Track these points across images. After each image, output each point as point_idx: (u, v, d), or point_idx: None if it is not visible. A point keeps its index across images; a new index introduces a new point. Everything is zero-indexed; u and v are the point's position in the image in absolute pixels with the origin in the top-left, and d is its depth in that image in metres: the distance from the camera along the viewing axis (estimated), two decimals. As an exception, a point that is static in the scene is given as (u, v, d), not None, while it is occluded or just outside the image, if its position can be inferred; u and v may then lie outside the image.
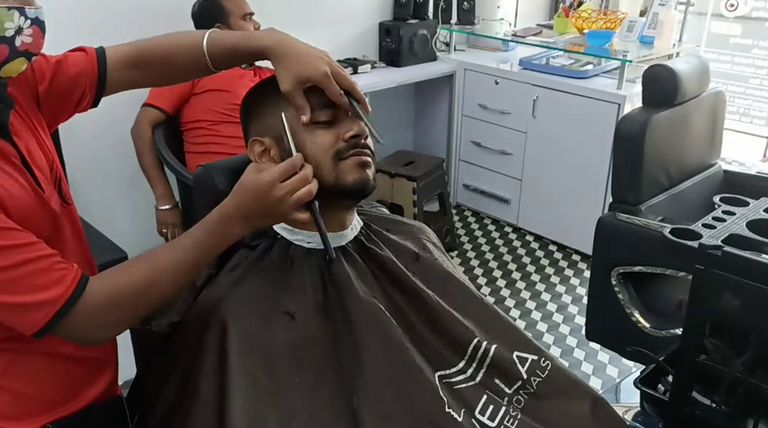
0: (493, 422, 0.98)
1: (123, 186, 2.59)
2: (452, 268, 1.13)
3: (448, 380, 0.99)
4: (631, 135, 1.92)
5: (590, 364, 2.38)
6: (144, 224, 2.67)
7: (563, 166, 3.04)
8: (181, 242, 0.89)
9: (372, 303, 0.98)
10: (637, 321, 1.84)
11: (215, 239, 0.89)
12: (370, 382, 0.93)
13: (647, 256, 1.79)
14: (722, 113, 2.21)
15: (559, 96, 2.96)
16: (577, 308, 2.72)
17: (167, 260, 0.88)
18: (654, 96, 1.97)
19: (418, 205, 2.98)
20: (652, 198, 1.97)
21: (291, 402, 0.89)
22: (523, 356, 1.06)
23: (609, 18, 3.14)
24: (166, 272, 0.87)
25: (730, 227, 1.04)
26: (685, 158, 2.10)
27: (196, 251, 0.88)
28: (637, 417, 1.22)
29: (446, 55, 3.44)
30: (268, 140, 0.99)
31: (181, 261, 0.88)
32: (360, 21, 3.23)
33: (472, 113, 3.38)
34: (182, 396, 0.93)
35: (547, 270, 3.03)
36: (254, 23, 2.44)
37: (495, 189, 3.40)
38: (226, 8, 2.38)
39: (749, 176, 2.29)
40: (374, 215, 1.16)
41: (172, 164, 2.32)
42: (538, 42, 3.30)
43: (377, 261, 1.03)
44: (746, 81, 4.01)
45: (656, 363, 1.18)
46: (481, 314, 1.07)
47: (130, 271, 0.86)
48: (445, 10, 3.42)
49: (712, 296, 0.98)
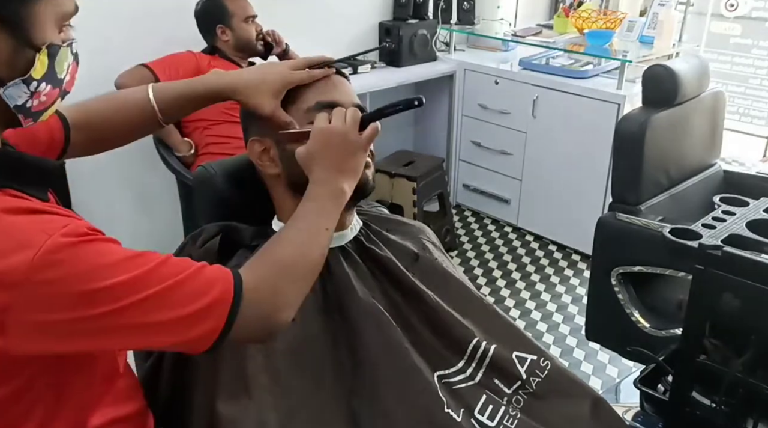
0: (492, 422, 0.98)
1: (123, 186, 2.60)
2: (452, 268, 1.13)
3: (447, 380, 0.99)
4: (631, 135, 1.92)
5: (590, 364, 2.38)
6: (144, 224, 2.68)
7: (563, 166, 3.04)
8: (299, 215, 0.88)
9: (371, 304, 0.98)
10: (637, 321, 1.84)
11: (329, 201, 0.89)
12: (370, 382, 0.93)
13: (647, 256, 1.79)
14: (722, 113, 2.21)
15: (559, 96, 2.96)
16: (577, 308, 2.72)
17: (301, 231, 0.86)
18: (654, 96, 1.97)
19: (418, 205, 2.98)
20: (652, 198, 1.97)
21: (291, 403, 0.89)
22: (523, 356, 1.06)
23: (609, 18, 3.14)
24: (306, 240, 0.85)
25: (729, 227, 1.04)
26: (685, 158, 2.10)
27: (319, 216, 0.88)
28: (637, 417, 1.22)
29: (446, 55, 3.44)
30: (267, 141, 0.99)
31: (313, 226, 0.86)
32: (360, 21, 3.24)
33: (472, 113, 3.38)
34: (183, 397, 0.93)
35: (546, 270, 3.03)
36: (257, 26, 2.44)
37: (495, 189, 3.40)
38: (230, 10, 2.37)
39: (749, 176, 2.28)
40: (374, 215, 1.16)
41: (172, 164, 2.32)
42: (538, 42, 3.30)
43: (377, 261, 1.03)
44: (746, 81, 4.01)
45: (656, 363, 1.18)
46: (480, 315, 1.07)
47: (273, 250, 0.83)
48: (445, 10, 3.42)
49: (712, 296, 0.98)
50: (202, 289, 0.72)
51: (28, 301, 0.62)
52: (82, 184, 2.36)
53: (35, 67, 0.69)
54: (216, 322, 0.73)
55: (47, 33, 0.70)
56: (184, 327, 0.71)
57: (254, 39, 2.43)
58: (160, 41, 2.37)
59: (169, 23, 2.49)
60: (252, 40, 2.42)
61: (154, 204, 2.69)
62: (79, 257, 0.65)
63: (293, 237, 0.85)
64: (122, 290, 0.67)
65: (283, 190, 1.01)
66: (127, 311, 0.67)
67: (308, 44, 2.60)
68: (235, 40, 2.40)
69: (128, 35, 2.40)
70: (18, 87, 0.69)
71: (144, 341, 0.71)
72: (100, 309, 0.65)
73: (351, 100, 1.01)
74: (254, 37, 2.42)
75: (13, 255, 0.61)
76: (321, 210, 0.89)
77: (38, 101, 0.71)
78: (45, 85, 0.71)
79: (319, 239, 0.86)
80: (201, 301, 0.71)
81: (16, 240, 0.62)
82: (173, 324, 0.70)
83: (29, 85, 0.69)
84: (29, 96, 0.70)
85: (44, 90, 0.71)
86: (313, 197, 0.89)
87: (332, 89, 0.99)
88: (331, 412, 0.91)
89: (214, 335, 0.73)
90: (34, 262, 0.62)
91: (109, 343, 0.70)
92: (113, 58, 2.19)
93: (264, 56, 2.51)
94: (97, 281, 0.65)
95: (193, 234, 1.03)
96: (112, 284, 0.66)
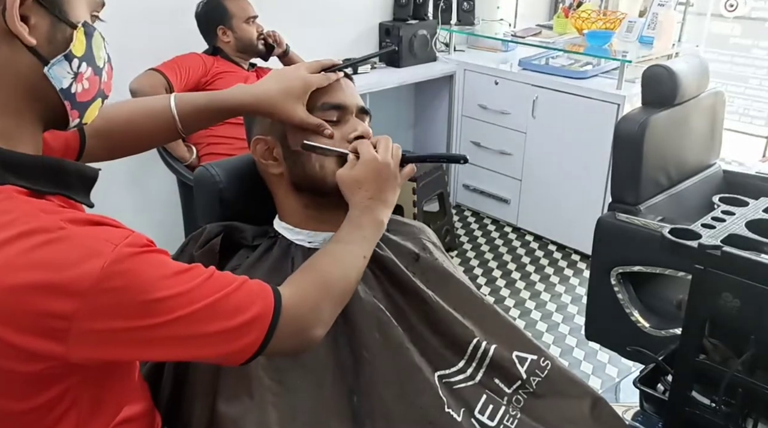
0: (492, 422, 0.98)
1: (123, 186, 2.60)
2: (452, 268, 1.13)
3: (447, 380, 1.00)
4: (630, 135, 1.92)
5: (590, 364, 2.38)
6: (144, 224, 2.68)
7: (563, 166, 3.04)
8: (343, 238, 0.91)
9: (372, 303, 0.98)
10: (636, 321, 1.84)
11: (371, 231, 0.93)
12: (370, 382, 0.93)
13: (647, 256, 1.79)
14: (722, 113, 2.21)
15: (558, 96, 2.96)
16: (577, 308, 2.72)
17: (345, 254, 0.89)
18: (653, 96, 1.97)
19: (418, 205, 2.98)
20: (651, 198, 1.97)
21: (292, 402, 0.89)
22: (523, 356, 1.06)
23: (608, 18, 3.14)
24: (348, 264, 0.88)
25: (729, 227, 1.04)
26: (684, 158, 2.10)
27: (360, 244, 0.92)
28: (637, 416, 1.22)
29: (446, 56, 3.44)
30: (271, 140, 1.00)
31: (355, 253, 0.90)
32: (360, 21, 3.24)
33: (471, 113, 3.38)
34: (184, 395, 0.93)
35: (546, 270, 3.03)
36: (258, 26, 2.44)
37: (495, 189, 3.40)
38: (230, 11, 2.37)
39: (749, 176, 2.29)
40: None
41: (173, 164, 2.32)
42: (537, 42, 3.30)
43: (377, 261, 1.03)
44: (746, 81, 4.01)
45: (656, 363, 1.18)
46: (480, 314, 1.08)
47: (316, 268, 0.86)
48: (444, 11, 3.43)
49: (712, 296, 0.98)
50: (245, 303, 0.74)
51: (92, 309, 0.63)
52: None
53: (74, 44, 0.69)
54: (256, 335, 0.74)
55: (82, 14, 0.70)
56: (228, 340, 0.72)
57: (255, 40, 2.43)
58: (161, 43, 2.37)
59: (170, 25, 2.49)
60: (253, 40, 2.42)
61: (154, 204, 2.69)
62: (141, 268, 0.66)
63: (337, 259, 0.88)
64: (175, 302, 0.68)
65: (285, 189, 1.02)
66: (179, 323, 0.68)
67: (308, 45, 2.61)
68: (236, 41, 2.40)
69: (129, 37, 2.39)
70: (61, 65, 0.68)
71: (188, 352, 0.72)
72: (155, 320, 0.67)
73: (356, 102, 1.01)
74: (255, 37, 2.43)
75: (83, 264, 0.62)
76: (363, 238, 0.92)
77: (81, 87, 0.71)
78: (86, 67, 0.71)
79: (357, 264, 0.90)
80: (244, 315, 0.73)
81: (85, 250, 0.63)
82: (218, 337, 0.72)
83: (71, 62, 0.69)
84: (73, 77, 0.70)
85: (86, 73, 0.71)
86: (358, 224, 0.93)
87: (338, 91, 1.00)
88: (332, 412, 0.91)
89: (254, 348, 0.74)
90: (104, 271, 0.63)
91: (156, 353, 0.71)
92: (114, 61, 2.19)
93: (265, 57, 2.51)
94: (155, 291, 0.66)
95: (194, 234, 1.03)
96: (167, 296, 0.67)
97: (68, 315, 0.62)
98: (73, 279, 0.62)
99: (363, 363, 0.94)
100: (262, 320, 0.74)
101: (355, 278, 0.90)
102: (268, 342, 0.75)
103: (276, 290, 0.78)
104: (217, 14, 2.38)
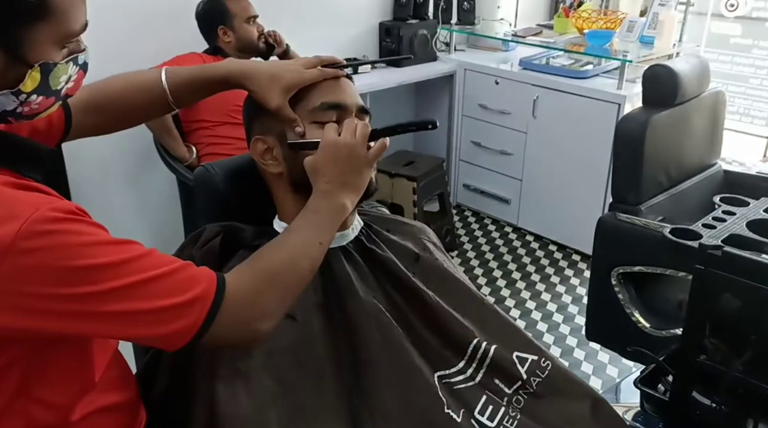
0: (492, 422, 0.98)
1: (123, 186, 2.60)
2: (452, 268, 1.13)
3: (447, 380, 0.99)
4: (631, 135, 1.92)
5: (590, 364, 2.38)
6: (144, 224, 2.68)
7: (563, 166, 3.04)
8: (296, 226, 0.88)
9: (372, 303, 0.98)
10: (637, 321, 1.84)
11: (327, 216, 0.89)
12: (370, 382, 0.93)
13: (647, 256, 1.79)
14: (722, 113, 2.21)
15: (559, 96, 2.96)
16: (577, 308, 2.72)
17: (295, 242, 0.86)
18: (654, 96, 1.97)
19: (418, 205, 2.98)
20: (652, 198, 1.97)
21: (292, 402, 0.89)
22: (523, 356, 1.06)
23: (609, 18, 3.14)
24: (298, 251, 0.85)
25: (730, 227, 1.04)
26: (685, 158, 2.10)
27: (315, 230, 0.88)
28: (637, 417, 1.22)
29: (446, 56, 3.44)
30: (270, 139, 0.99)
31: (307, 239, 0.86)
32: (360, 21, 3.24)
33: (472, 113, 3.38)
34: (182, 394, 0.93)
35: (547, 270, 3.03)
36: (258, 26, 2.44)
37: (495, 189, 3.40)
38: (231, 10, 2.37)
39: (749, 176, 2.29)
40: (374, 216, 1.16)
41: (173, 164, 2.32)
42: (538, 42, 3.30)
43: (378, 261, 1.03)
44: (746, 81, 4.01)
45: (656, 363, 1.18)
46: (481, 315, 1.07)
47: (263, 257, 0.83)
48: (445, 11, 3.42)
49: (712, 296, 0.98)
50: (185, 285, 0.72)
51: (14, 270, 0.63)
52: (82, 183, 2.36)
53: (25, 83, 0.69)
54: (194, 319, 0.72)
55: (44, 53, 0.70)
56: (162, 320, 0.71)
57: (256, 39, 2.43)
58: (162, 43, 2.37)
59: (170, 25, 2.49)
60: (254, 40, 2.42)
61: (154, 204, 2.68)
62: (65, 234, 0.66)
63: (285, 246, 0.85)
64: (104, 273, 0.67)
65: (285, 189, 1.02)
66: (107, 296, 0.68)
67: (308, 44, 2.60)
68: (236, 41, 2.40)
69: (129, 38, 2.39)
70: (6, 97, 0.70)
71: (120, 330, 0.71)
72: (79, 289, 0.66)
73: (356, 101, 1.01)
74: (256, 37, 2.42)
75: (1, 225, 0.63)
76: (318, 224, 0.89)
77: (29, 109, 0.72)
78: (36, 97, 0.72)
79: (310, 252, 0.86)
80: (182, 296, 0.72)
81: (6, 211, 0.64)
82: (151, 315, 0.70)
83: (18, 96, 0.70)
84: (19, 104, 0.71)
85: (35, 100, 0.72)
86: (314, 210, 0.90)
87: (338, 90, 1.00)
88: (331, 412, 0.91)
89: (191, 333, 0.73)
90: (20, 232, 0.63)
91: (85, 328, 0.70)
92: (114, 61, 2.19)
93: (266, 57, 2.51)
94: (80, 258, 0.66)
95: (194, 234, 1.03)
96: (94, 265, 0.67)
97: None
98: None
99: (363, 364, 0.94)
100: (202, 303, 0.73)
101: (309, 267, 0.86)
102: (207, 328, 0.73)
103: (221, 276, 0.76)
104: (217, 14, 2.38)
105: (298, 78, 0.96)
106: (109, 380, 0.84)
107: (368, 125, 0.96)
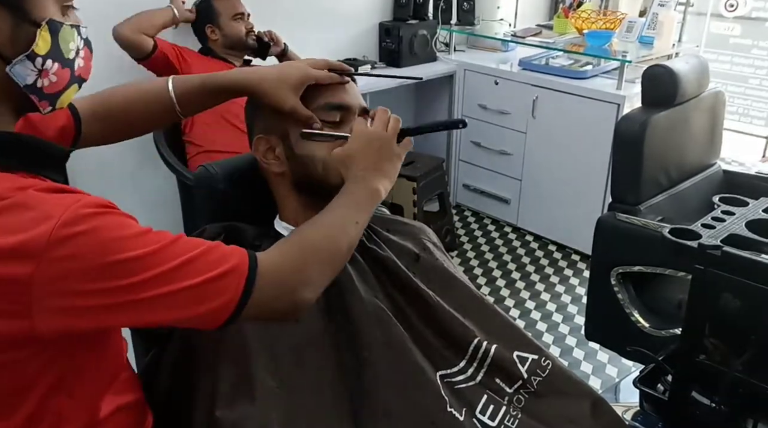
0: (493, 421, 0.98)
1: (123, 186, 2.60)
2: (453, 268, 1.13)
3: (449, 380, 1.00)
4: (630, 135, 1.92)
5: (590, 364, 2.38)
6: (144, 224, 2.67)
7: (563, 166, 3.04)
8: (332, 206, 0.89)
9: (373, 303, 0.98)
10: (636, 321, 1.84)
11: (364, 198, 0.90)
12: (372, 382, 0.93)
13: (647, 256, 1.79)
14: (722, 113, 2.22)
15: (558, 96, 2.96)
16: (577, 308, 2.72)
17: (332, 221, 0.87)
18: (653, 96, 1.97)
19: (418, 205, 2.98)
20: (651, 198, 1.97)
21: (293, 402, 0.89)
22: (524, 355, 1.06)
23: (608, 18, 3.14)
24: (336, 229, 0.86)
25: (729, 227, 1.04)
26: (684, 158, 2.10)
27: (351, 209, 0.89)
28: (637, 416, 1.22)
29: (446, 56, 3.44)
30: (273, 139, 1.00)
31: (344, 217, 0.87)
32: (360, 21, 3.24)
33: (472, 113, 3.38)
34: (183, 395, 0.93)
35: (546, 270, 3.03)
36: (247, 23, 2.44)
37: (495, 189, 3.40)
38: (217, 9, 2.39)
39: (749, 176, 2.29)
40: (375, 216, 1.16)
41: (173, 164, 2.32)
42: (537, 42, 3.30)
43: (378, 261, 1.04)
44: (746, 81, 4.01)
45: (656, 363, 1.18)
46: (481, 314, 1.08)
47: (301, 232, 0.85)
48: (445, 11, 3.42)
49: (712, 296, 0.98)
50: (218, 262, 0.73)
51: (51, 273, 0.63)
52: (82, 184, 2.35)
53: (37, 43, 0.70)
54: (232, 294, 0.73)
55: (47, 10, 0.71)
56: (201, 297, 0.71)
57: (244, 36, 2.42)
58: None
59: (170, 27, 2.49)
60: (241, 37, 2.42)
61: (154, 204, 2.68)
62: (98, 229, 0.66)
63: (323, 222, 0.87)
64: (140, 263, 0.68)
65: (287, 189, 1.02)
66: (145, 285, 0.68)
67: (308, 44, 2.61)
68: (223, 39, 2.40)
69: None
70: (23, 64, 0.69)
71: (159, 315, 0.71)
72: (118, 282, 0.67)
73: (358, 102, 1.02)
74: (243, 33, 2.42)
75: (33, 228, 0.63)
76: (355, 204, 0.90)
77: (48, 81, 0.72)
78: (51, 63, 0.72)
79: (348, 230, 0.87)
80: (216, 271, 0.72)
81: (37, 214, 0.64)
82: (189, 294, 0.71)
83: (34, 61, 0.70)
84: (37, 74, 0.71)
85: (52, 68, 0.72)
86: (350, 192, 0.91)
87: (341, 92, 1.00)
88: (334, 412, 0.91)
89: (231, 305, 0.73)
90: (55, 233, 0.63)
91: (126, 318, 0.70)
92: (111, 61, 2.20)
93: (261, 55, 2.51)
94: (118, 253, 0.67)
95: (196, 234, 1.03)
96: (131, 257, 0.67)
97: (25, 280, 0.62)
98: (22, 242, 0.62)
99: (364, 364, 0.94)
100: (238, 275, 0.73)
101: (347, 243, 0.86)
102: (246, 301, 0.74)
103: (252, 252, 0.77)
104: (206, 14, 2.40)
105: (305, 75, 0.96)
106: (124, 380, 0.85)
107: (399, 119, 0.97)
